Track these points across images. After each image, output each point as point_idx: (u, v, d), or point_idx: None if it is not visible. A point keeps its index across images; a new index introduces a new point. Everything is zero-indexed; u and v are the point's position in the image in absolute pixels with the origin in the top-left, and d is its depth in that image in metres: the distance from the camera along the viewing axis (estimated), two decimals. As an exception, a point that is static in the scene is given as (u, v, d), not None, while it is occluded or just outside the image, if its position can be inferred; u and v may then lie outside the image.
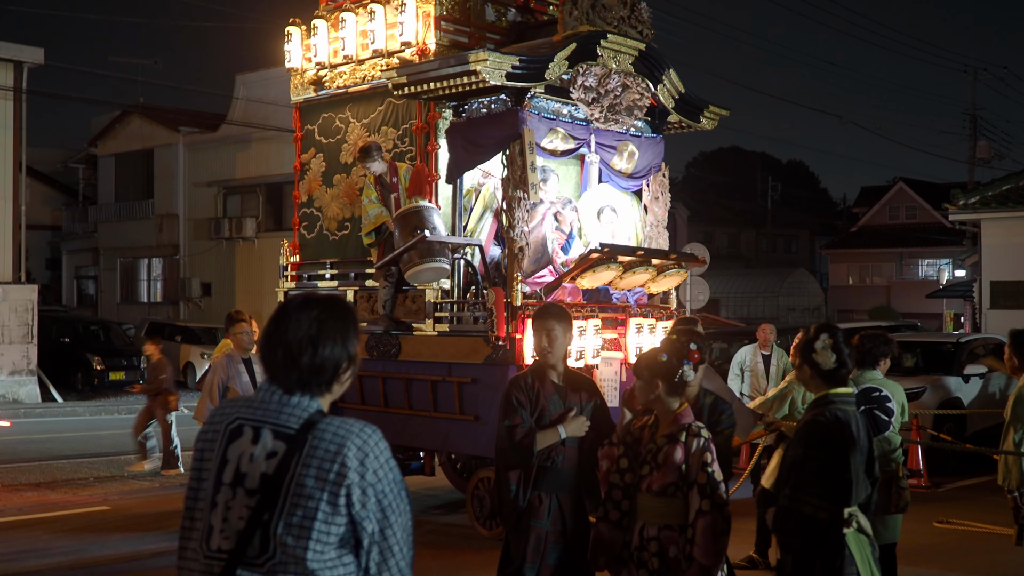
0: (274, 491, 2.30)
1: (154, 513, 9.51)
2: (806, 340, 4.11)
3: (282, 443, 2.34)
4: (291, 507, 2.29)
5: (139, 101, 31.81)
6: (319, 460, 2.30)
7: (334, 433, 2.34)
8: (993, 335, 14.76)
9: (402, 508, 2.37)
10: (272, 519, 2.29)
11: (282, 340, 2.39)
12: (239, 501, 2.33)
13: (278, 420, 2.37)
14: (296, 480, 2.30)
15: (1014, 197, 17.32)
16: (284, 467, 2.31)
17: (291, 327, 2.39)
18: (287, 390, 2.40)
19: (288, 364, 2.38)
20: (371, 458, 2.33)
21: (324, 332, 2.40)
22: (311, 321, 2.40)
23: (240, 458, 2.35)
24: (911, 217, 48.01)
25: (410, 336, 8.76)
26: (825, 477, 3.84)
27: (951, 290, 33.39)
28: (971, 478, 11.41)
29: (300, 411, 2.38)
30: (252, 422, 2.39)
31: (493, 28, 9.36)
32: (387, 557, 2.34)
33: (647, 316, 8.96)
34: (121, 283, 32.88)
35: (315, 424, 2.35)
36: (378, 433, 2.39)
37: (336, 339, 2.42)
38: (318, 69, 9.88)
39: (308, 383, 2.40)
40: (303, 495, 2.29)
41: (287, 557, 2.27)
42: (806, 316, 42.53)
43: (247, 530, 2.30)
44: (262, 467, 2.33)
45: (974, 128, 33.12)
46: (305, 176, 10.14)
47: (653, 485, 4.02)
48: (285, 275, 10.20)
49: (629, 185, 9.51)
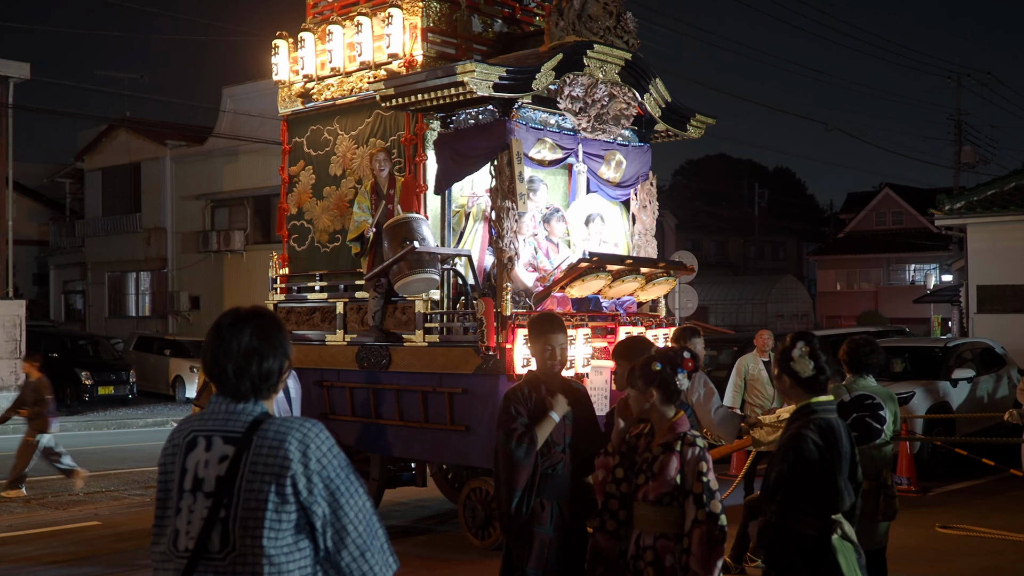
0: (227, 490, 2.53)
1: (145, 529, 9.46)
2: (783, 349, 4.11)
3: (231, 446, 2.57)
4: (243, 502, 2.51)
5: (126, 115, 31.78)
6: (264, 456, 2.53)
7: (276, 430, 2.56)
8: (981, 339, 14.84)
9: (352, 490, 2.56)
10: (228, 516, 2.51)
11: (229, 354, 2.63)
12: (199, 504, 2.55)
13: (226, 427, 2.61)
14: (245, 477, 2.53)
15: (999, 202, 17.43)
16: (234, 467, 2.54)
17: (235, 342, 2.64)
18: (239, 399, 2.64)
19: (239, 375, 2.62)
20: (312, 448, 2.54)
21: (266, 343, 2.65)
22: (251, 335, 2.64)
23: (196, 466, 2.59)
24: (897, 223, 48.22)
25: (400, 347, 8.76)
26: (812, 492, 3.82)
27: (938, 295, 33.56)
28: (960, 482, 11.47)
29: (246, 416, 2.62)
30: (204, 432, 2.63)
31: (480, 39, 9.39)
32: (343, 536, 2.54)
33: (636, 324, 8.98)
34: (109, 297, 32.78)
35: (259, 424, 2.59)
36: (319, 425, 2.61)
37: (277, 347, 2.67)
38: (305, 81, 9.90)
39: (259, 388, 2.64)
40: (252, 490, 2.51)
41: (245, 548, 2.48)
42: (794, 323, 42.65)
43: (206, 528, 2.52)
44: (216, 470, 2.56)
45: (959, 133, 33.32)
46: (294, 188, 10.15)
47: (649, 494, 4.02)
48: (274, 288, 10.19)
49: (617, 194, 9.55)
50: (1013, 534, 8.23)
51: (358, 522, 2.56)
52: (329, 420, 9.27)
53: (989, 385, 13.19)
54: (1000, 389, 13.24)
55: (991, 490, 11.08)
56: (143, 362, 24.38)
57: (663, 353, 4.32)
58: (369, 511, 2.60)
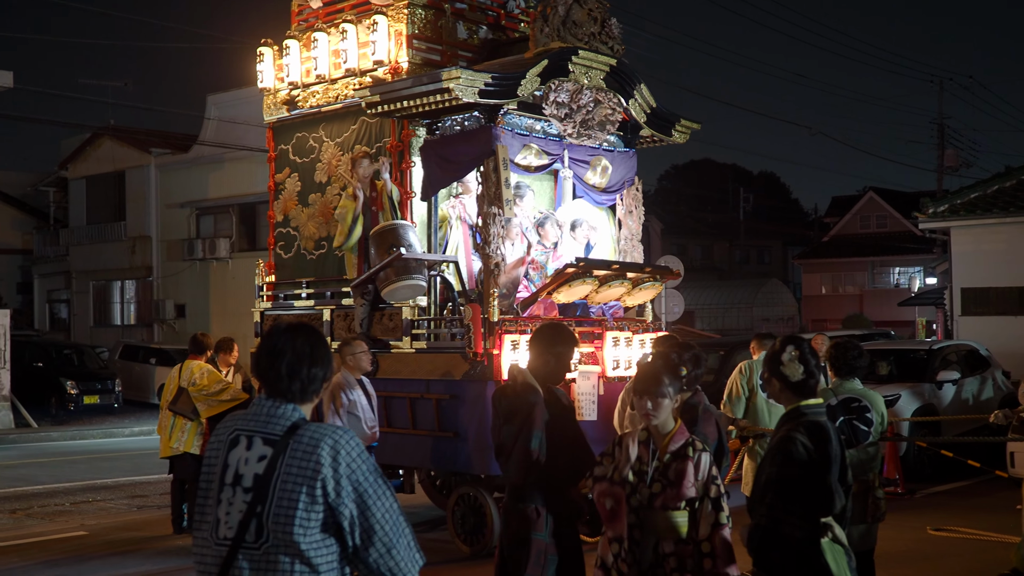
0: (264, 487, 2.78)
1: (131, 538, 9.43)
2: (772, 353, 4.12)
3: (270, 448, 2.82)
4: (278, 500, 2.75)
5: (110, 123, 31.64)
6: (298, 459, 2.78)
7: (311, 436, 2.81)
8: (965, 341, 14.92)
9: (379, 492, 2.81)
10: (264, 511, 2.76)
11: (284, 357, 2.91)
12: (238, 498, 2.81)
13: (266, 429, 2.85)
14: (281, 477, 2.77)
15: (982, 205, 17.54)
16: (272, 467, 2.79)
17: (289, 347, 2.92)
18: (287, 399, 2.90)
19: (291, 376, 2.90)
20: (343, 453, 2.78)
21: (316, 350, 2.95)
22: (304, 343, 2.94)
23: (238, 463, 2.84)
24: (881, 226, 48.43)
25: (388, 354, 8.76)
26: (800, 495, 3.83)
27: (923, 298, 33.73)
28: (946, 484, 11.52)
29: (285, 420, 2.86)
30: (246, 432, 2.88)
31: (465, 46, 9.41)
32: (371, 534, 2.78)
33: (623, 329, 9.00)
34: (94, 306, 32.61)
35: (297, 429, 2.83)
36: (350, 433, 2.86)
37: (324, 356, 2.97)
38: (291, 89, 9.90)
39: (305, 391, 2.92)
40: (286, 489, 2.75)
41: (278, 541, 2.74)
42: (780, 326, 42.76)
43: (244, 521, 2.78)
44: (255, 468, 2.81)
45: (941, 137, 33.53)
46: (280, 196, 10.14)
47: (669, 502, 4.02)
48: (261, 295, 10.18)
49: (603, 200, 9.57)
50: (1003, 535, 8.27)
51: (384, 521, 2.80)
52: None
53: (974, 387, 13.25)
54: (985, 391, 13.31)
55: (977, 491, 11.14)
56: (129, 371, 24.25)
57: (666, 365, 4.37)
58: (396, 511, 2.83)
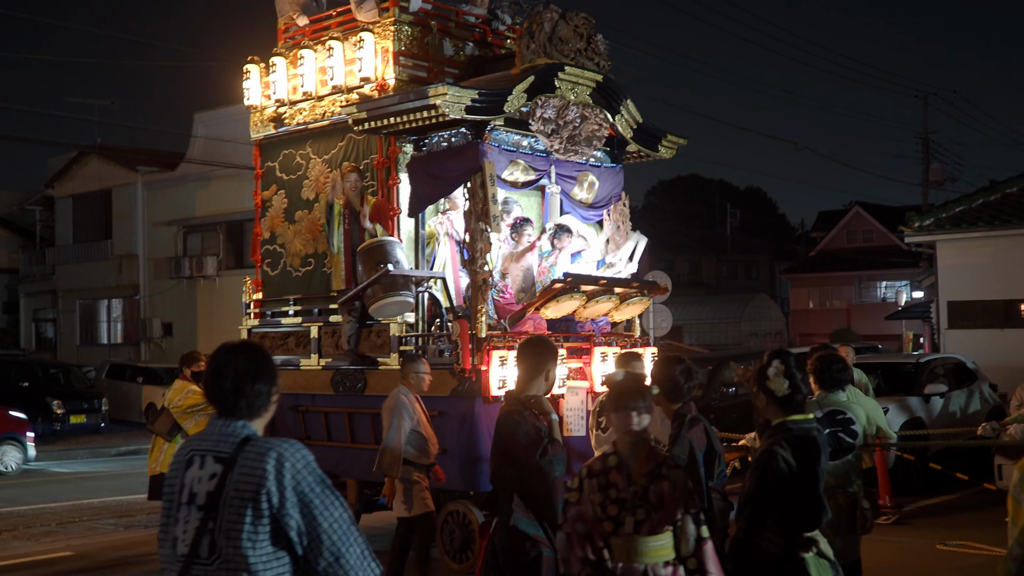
0: (215, 504, 2.86)
1: (118, 557, 9.37)
2: (760, 367, 4.11)
3: (220, 465, 2.90)
4: (227, 515, 2.82)
5: (96, 141, 31.57)
6: (245, 473, 2.84)
7: (257, 450, 2.88)
8: (952, 354, 14.96)
9: (327, 502, 2.85)
10: (215, 527, 2.84)
11: (227, 377, 2.98)
12: (193, 515, 2.89)
13: (217, 447, 2.94)
14: (229, 493, 2.84)
15: (968, 218, 17.63)
16: (221, 484, 2.86)
17: (232, 366, 2.99)
18: (234, 416, 2.97)
19: (236, 394, 2.97)
20: (288, 465, 2.84)
21: (258, 367, 3.02)
22: (245, 360, 3.01)
23: (192, 482, 2.93)
24: (868, 240, 48.62)
25: (376, 371, 8.73)
26: (778, 510, 3.81)
27: (910, 311, 33.82)
28: (935, 497, 11.53)
29: (235, 437, 2.94)
30: (199, 452, 2.96)
31: (451, 62, 9.44)
32: (319, 544, 2.82)
33: (612, 344, 9.00)
34: (80, 325, 32.46)
35: (246, 445, 2.91)
36: (296, 444, 2.92)
37: (267, 371, 3.04)
38: (277, 106, 9.90)
39: (252, 406, 2.99)
40: (234, 504, 2.82)
41: (228, 556, 2.81)
42: (768, 341, 42.85)
43: (197, 538, 2.86)
44: (207, 486, 2.89)
45: (927, 151, 33.72)
46: (267, 213, 10.12)
47: (656, 527, 3.88)
48: (248, 312, 10.14)
49: (590, 215, 9.59)
50: (1001, 550, 8.29)
51: (332, 531, 2.83)
52: (305, 445, 9.21)
53: (961, 400, 13.28)
54: (972, 404, 13.34)
55: (966, 505, 11.15)
56: (115, 390, 24.11)
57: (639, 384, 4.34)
58: (345, 520, 2.86)
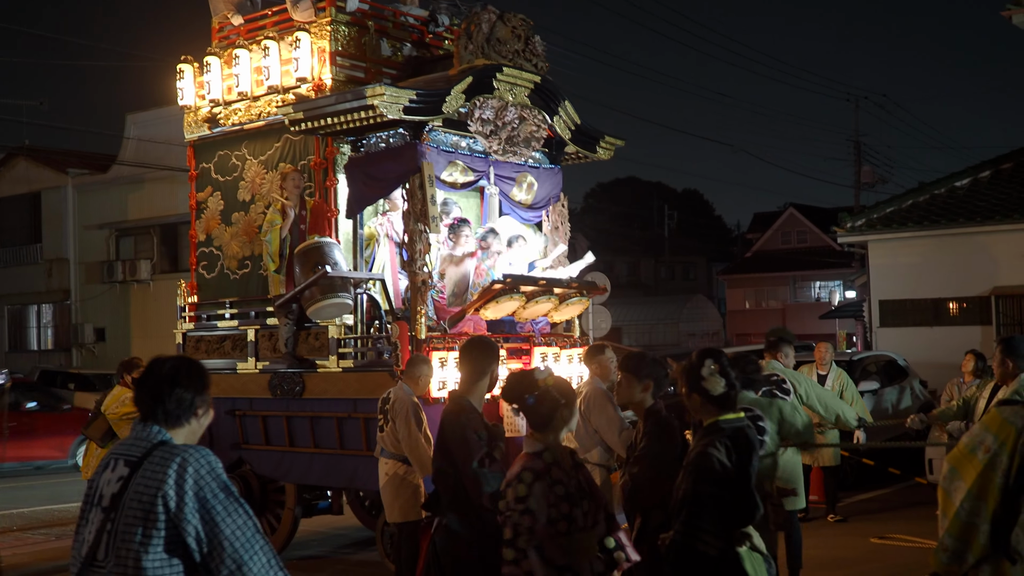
0: (115, 506, 2.85)
1: (49, 568, 9.16)
2: (690, 367, 4.12)
3: (128, 468, 2.90)
4: (123, 517, 2.81)
5: (24, 143, 30.85)
6: (147, 477, 2.83)
7: (162, 455, 2.87)
8: (884, 352, 15.28)
9: (229, 508, 2.80)
10: (113, 528, 2.82)
11: (148, 383, 3.00)
12: (97, 517, 2.90)
13: (129, 451, 2.95)
14: (128, 495, 2.84)
15: (898, 219, 18.01)
16: (125, 486, 2.86)
17: (156, 373, 3.01)
18: (153, 422, 2.97)
19: (155, 400, 2.97)
20: (191, 470, 2.81)
21: (179, 374, 3.01)
22: (170, 368, 3.03)
23: (103, 484, 2.94)
24: (802, 241, 49.48)
25: (314, 373, 8.65)
26: (714, 511, 3.83)
27: (843, 310, 34.50)
28: (868, 491, 11.76)
29: (147, 442, 2.94)
30: (114, 455, 2.98)
31: (389, 63, 9.38)
32: (220, 551, 2.76)
33: (551, 345, 9.03)
34: (9, 331, 31.68)
35: (154, 450, 2.90)
36: (204, 450, 2.91)
37: (191, 380, 3.02)
38: (212, 106, 9.76)
39: (170, 413, 2.97)
40: (131, 506, 2.81)
41: (121, 559, 2.78)
42: (706, 341, 43.34)
43: (95, 539, 2.86)
44: (112, 488, 2.89)
45: (858, 154, 34.40)
46: (202, 215, 9.97)
47: (596, 517, 4.03)
48: (183, 316, 9.98)
49: (529, 216, 9.60)
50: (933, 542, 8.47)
51: (234, 539, 2.78)
52: (242, 450, 9.10)
53: (893, 396, 13.57)
54: (904, 400, 13.64)
55: (898, 498, 11.39)
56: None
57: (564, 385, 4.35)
58: (249, 528, 2.81)
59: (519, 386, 4.22)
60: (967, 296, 17.18)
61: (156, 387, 2.97)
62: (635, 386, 4.88)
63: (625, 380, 4.94)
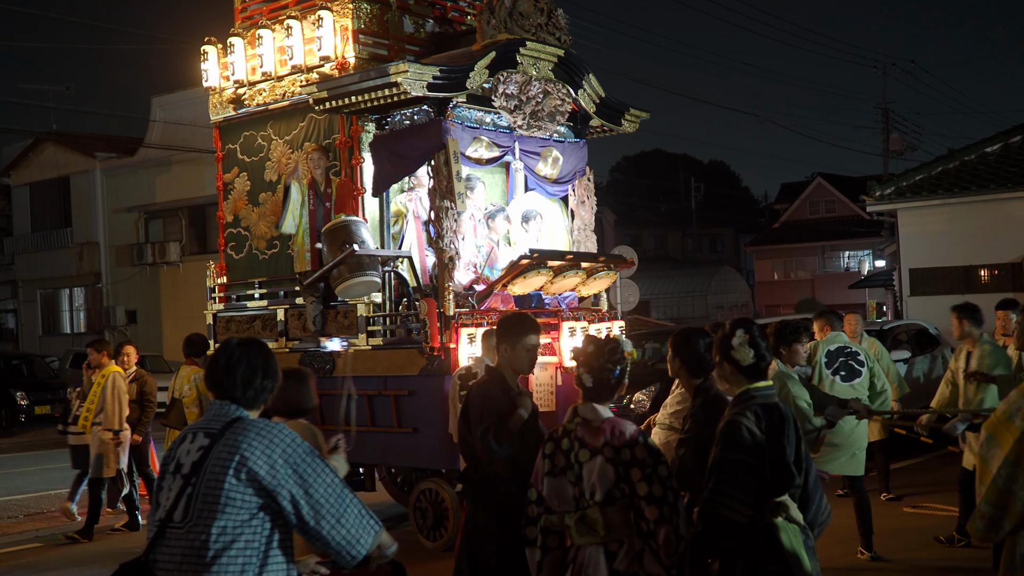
0: (197, 472, 3.06)
1: (88, 547, 9.29)
2: (722, 337, 4.13)
3: (208, 439, 3.12)
4: (204, 483, 3.03)
5: (52, 128, 31.11)
6: (228, 446, 3.05)
7: (244, 427, 3.10)
8: (915, 320, 15.15)
9: (319, 470, 3.05)
10: (193, 493, 3.04)
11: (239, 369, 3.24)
12: (176, 483, 3.11)
13: (208, 425, 3.18)
14: (211, 462, 3.05)
15: (927, 186, 17.81)
16: (206, 455, 3.08)
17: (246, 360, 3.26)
18: (230, 400, 3.22)
19: (245, 385, 3.23)
20: (277, 441, 3.05)
21: (268, 364, 3.31)
22: (257, 357, 3.29)
23: (181, 454, 3.16)
24: (830, 211, 49.08)
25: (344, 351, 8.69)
26: (743, 480, 3.82)
27: (872, 280, 34.22)
28: (900, 461, 11.68)
29: (227, 417, 3.18)
30: (193, 430, 3.20)
31: (412, 40, 9.36)
32: (319, 509, 3.02)
33: (579, 319, 9.02)
34: (42, 315, 32.09)
35: (233, 423, 3.14)
36: (280, 424, 3.15)
37: (276, 370, 3.34)
38: (236, 87, 9.78)
39: (256, 399, 3.26)
40: (214, 472, 3.03)
41: (201, 520, 3.01)
42: (734, 313, 43.15)
43: (174, 503, 3.08)
44: (193, 457, 3.11)
45: (886, 122, 34.01)
46: (229, 196, 10.02)
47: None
48: (213, 297, 10.06)
49: (555, 191, 9.58)
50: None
51: (329, 495, 3.04)
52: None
53: (925, 365, 13.46)
54: (936, 369, 13.52)
55: (931, 467, 11.32)
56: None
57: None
58: (338, 485, 3.07)
59: (603, 356, 4.21)
60: (998, 263, 16.99)
61: (248, 375, 3.23)
62: None
63: None
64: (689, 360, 4.63)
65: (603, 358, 4.19)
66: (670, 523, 3.93)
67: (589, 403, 4.17)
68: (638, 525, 3.98)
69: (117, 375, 9.85)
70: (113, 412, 9.63)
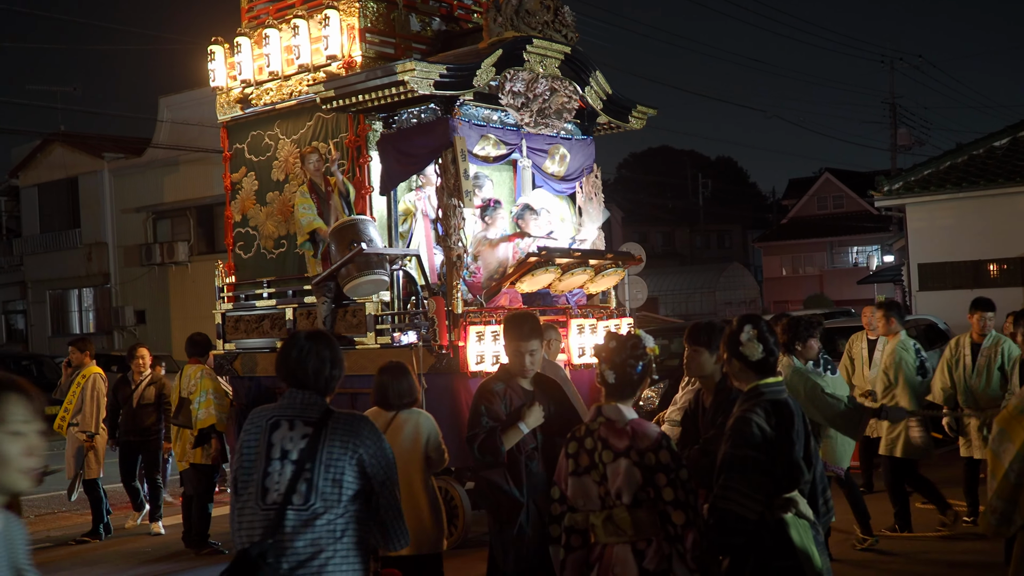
0: (310, 459, 3.40)
1: (98, 547, 9.32)
2: (730, 333, 4.10)
3: (310, 427, 3.46)
4: (326, 468, 3.39)
5: (60, 129, 31.18)
6: (342, 436, 3.44)
7: (347, 420, 3.50)
8: (924, 316, 15.11)
9: (393, 466, 3.54)
10: (313, 477, 3.38)
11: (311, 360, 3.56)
12: (287, 468, 3.41)
13: (304, 414, 3.50)
14: (327, 449, 3.41)
15: (936, 181, 17.75)
16: (315, 442, 3.42)
17: (315, 352, 3.57)
18: (312, 391, 3.54)
19: (317, 375, 3.55)
20: (380, 436, 3.53)
21: (336, 356, 3.63)
22: (325, 348, 3.60)
23: (282, 441, 3.46)
24: (839, 206, 48.94)
25: (352, 350, 8.70)
26: (753, 476, 3.80)
27: (881, 275, 34.11)
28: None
29: (316, 407, 3.53)
30: (286, 417, 3.51)
31: (418, 38, 9.36)
32: (387, 497, 3.50)
33: (588, 316, 9.01)
34: (52, 316, 32.19)
35: (330, 414, 3.50)
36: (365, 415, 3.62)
37: (342, 361, 3.67)
38: (244, 87, 9.79)
39: (327, 387, 3.58)
40: (333, 459, 3.40)
41: (325, 502, 3.37)
42: (743, 309, 43.11)
43: (291, 487, 3.38)
44: (299, 444, 3.44)
45: (894, 117, 33.92)
46: (237, 196, 10.03)
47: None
48: (221, 296, 10.07)
49: (562, 188, 9.57)
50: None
51: (393, 489, 3.52)
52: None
53: (934, 361, 13.39)
54: (944, 363, 13.48)
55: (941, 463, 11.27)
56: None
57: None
58: (393, 466, 3.54)
59: (625, 351, 4.16)
60: (1007, 257, 16.93)
61: (319, 366, 3.55)
62: (707, 359, 4.68)
63: (694, 353, 4.72)
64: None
65: (625, 353, 4.14)
66: (695, 527, 3.91)
67: (613, 403, 4.12)
68: (665, 529, 3.94)
69: (98, 377, 9.84)
70: (91, 414, 9.63)
